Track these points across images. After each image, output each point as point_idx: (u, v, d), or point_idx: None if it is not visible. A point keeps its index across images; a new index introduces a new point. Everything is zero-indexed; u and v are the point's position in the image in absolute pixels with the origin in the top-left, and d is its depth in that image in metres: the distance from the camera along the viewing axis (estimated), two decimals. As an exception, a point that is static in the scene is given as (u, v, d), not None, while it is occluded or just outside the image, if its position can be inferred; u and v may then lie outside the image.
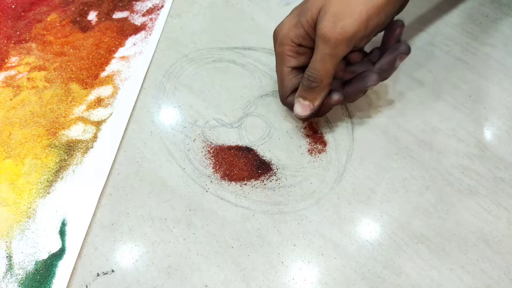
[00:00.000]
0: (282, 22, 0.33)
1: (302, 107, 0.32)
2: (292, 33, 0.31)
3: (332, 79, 0.31)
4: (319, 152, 0.34)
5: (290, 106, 0.34)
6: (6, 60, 0.41)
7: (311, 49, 0.31)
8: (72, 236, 0.30)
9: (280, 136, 0.35)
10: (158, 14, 0.45)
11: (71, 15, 0.45)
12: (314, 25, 0.30)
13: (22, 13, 0.46)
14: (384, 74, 0.32)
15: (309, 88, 0.31)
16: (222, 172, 0.33)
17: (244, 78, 0.39)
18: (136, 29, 0.44)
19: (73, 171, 0.34)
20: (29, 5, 0.46)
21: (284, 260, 0.29)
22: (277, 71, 0.34)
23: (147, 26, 0.44)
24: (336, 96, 0.32)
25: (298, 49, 0.32)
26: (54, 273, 0.29)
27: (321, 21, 0.29)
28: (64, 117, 0.37)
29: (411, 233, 0.30)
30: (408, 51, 0.31)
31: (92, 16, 0.45)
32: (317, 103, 0.32)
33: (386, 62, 0.32)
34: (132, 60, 0.41)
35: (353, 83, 0.32)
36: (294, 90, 0.33)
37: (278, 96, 0.37)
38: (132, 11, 0.46)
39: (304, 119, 0.34)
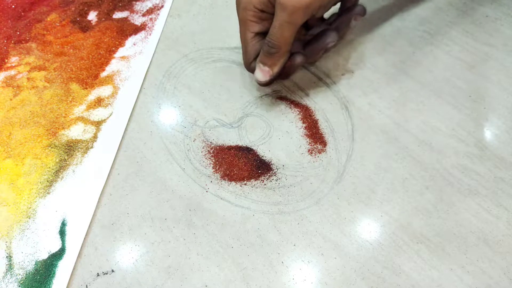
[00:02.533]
0: None
1: (262, 73, 0.33)
2: None
3: (292, 45, 0.32)
4: (319, 152, 0.34)
5: (253, 72, 0.35)
6: (6, 60, 0.41)
7: (273, 15, 0.32)
8: (72, 236, 0.30)
9: (280, 136, 0.35)
10: (158, 14, 0.45)
11: (71, 15, 0.45)
12: None
13: (22, 13, 0.46)
14: (341, 33, 0.35)
15: (269, 54, 0.32)
16: (222, 172, 0.33)
17: (244, 78, 0.39)
18: (136, 29, 0.44)
19: (73, 171, 0.34)
20: (29, 5, 0.46)
21: (284, 260, 0.29)
22: (240, 36, 0.35)
23: (147, 26, 0.44)
24: (299, 58, 0.33)
25: (261, 14, 0.33)
26: (54, 273, 0.29)
27: None
28: (64, 117, 0.37)
29: (411, 233, 0.30)
30: (363, 12, 0.34)
31: (92, 16, 0.45)
32: (276, 69, 0.33)
33: (341, 22, 0.34)
34: (132, 60, 0.41)
35: (313, 43, 0.34)
36: (258, 56, 0.34)
37: (278, 95, 0.37)
38: (132, 11, 0.46)
39: (265, 84, 0.35)
